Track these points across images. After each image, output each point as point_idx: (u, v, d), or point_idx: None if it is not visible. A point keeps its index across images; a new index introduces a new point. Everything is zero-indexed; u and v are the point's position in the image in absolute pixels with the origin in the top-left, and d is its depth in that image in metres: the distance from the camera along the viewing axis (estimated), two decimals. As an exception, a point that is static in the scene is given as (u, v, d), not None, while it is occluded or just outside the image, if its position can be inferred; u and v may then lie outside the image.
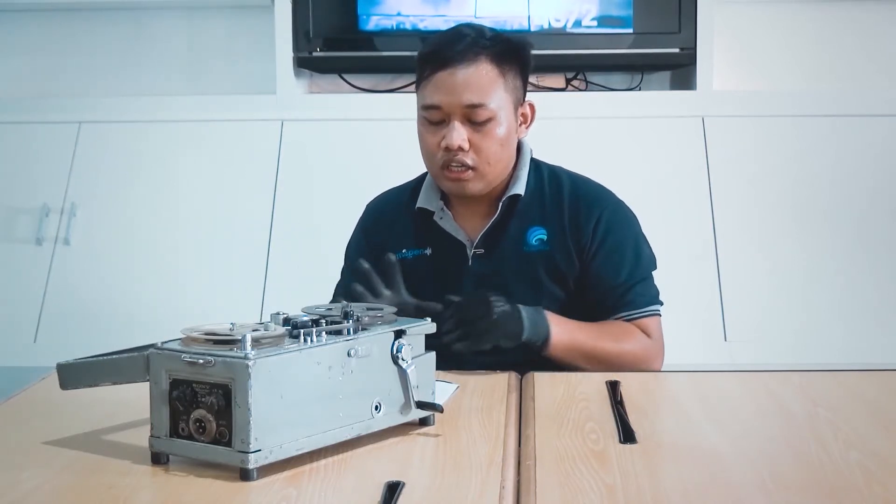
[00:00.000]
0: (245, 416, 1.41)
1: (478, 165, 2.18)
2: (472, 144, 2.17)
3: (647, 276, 2.28)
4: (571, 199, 2.27)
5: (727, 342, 3.33)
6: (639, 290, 2.24)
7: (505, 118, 2.19)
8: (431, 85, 2.19)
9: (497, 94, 2.18)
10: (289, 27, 3.68)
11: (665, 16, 3.65)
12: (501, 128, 2.19)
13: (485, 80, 2.17)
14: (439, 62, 2.18)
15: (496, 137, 2.18)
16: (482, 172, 2.19)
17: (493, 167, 2.20)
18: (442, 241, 2.28)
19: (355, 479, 1.46)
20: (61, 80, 4.04)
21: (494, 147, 2.19)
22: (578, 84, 3.89)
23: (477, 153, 2.18)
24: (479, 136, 2.17)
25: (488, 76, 2.18)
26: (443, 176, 2.21)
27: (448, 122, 2.17)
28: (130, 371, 1.54)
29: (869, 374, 2.04)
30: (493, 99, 2.17)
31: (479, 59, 2.17)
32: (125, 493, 1.41)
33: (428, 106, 2.20)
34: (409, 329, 1.64)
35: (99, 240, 3.59)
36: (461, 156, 2.17)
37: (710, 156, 3.56)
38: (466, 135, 2.16)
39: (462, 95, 2.16)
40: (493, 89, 2.18)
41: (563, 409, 1.78)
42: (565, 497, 1.37)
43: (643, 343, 2.21)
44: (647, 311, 2.24)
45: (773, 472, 1.48)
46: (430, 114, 2.20)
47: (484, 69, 2.17)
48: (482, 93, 2.16)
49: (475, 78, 2.17)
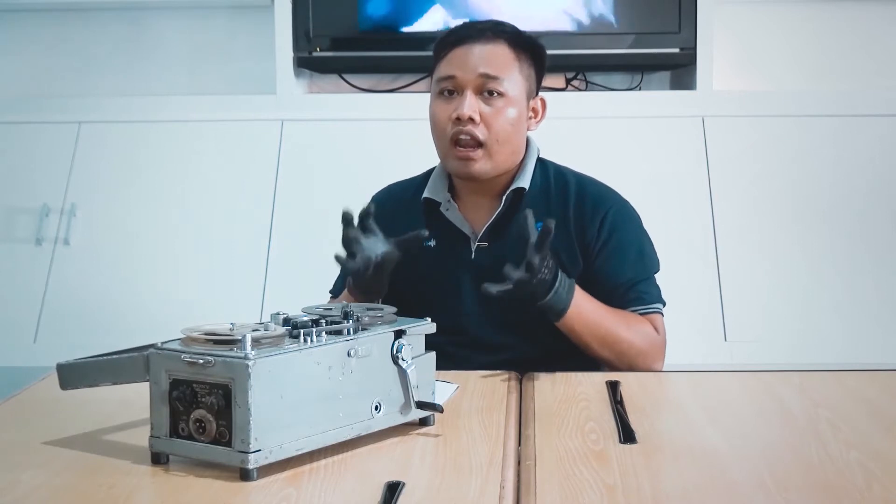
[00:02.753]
0: (245, 416, 1.41)
1: (487, 141, 2.19)
2: (483, 118, 2.18)
3: (650, 275, 2.28)
4: (577, 197, 2.27)
5: (727, 342, 3.33)
6: (643, 287, 2.25)
7: (517, 102, 2.22)
8: (447, 59, 2.23)
9: (511, 75, 2.21)
10: (289, 27, 3.68)
11: (665, 16, 3.65)
12: (513, 109, 2.21)
13: (501, 58, 2.21)
14: (457, 39, 2.23)
15: (507, 116, 2.20)
16: (490, 151, 2.20)
17: (502, 147, 2.21)
18: (447, 233, 2.28)
19: (355, 479, 1.46)
20: (61, 80, 4.04)
21: (505, 125, 2.20)
22: (578, 84, 3.89)
23: (488, 128, 2.19)
24: (490, 112, 2.19)
25: (504, 56, 2.22)
26: (451, 154, 2.21)
27: (461, 94, 2.19)
28: (130, 371, 1.54)
29: (869, 374, 2.05)
30: (508, 77, 2.20)
31: (497, 40, 2.22)
32: (125, 493, 1.41)
33: (443, 77, 2.22)
34: (409, 329, 1.65)
35: (99, 240, 3.59)
36: (471, 127, 2.18)
37: (711, 156, 3.56)
38: (478, 108, 2.18)
39: (477, 67, 2.19)
40: (508, 69, 2.21)
41: (563, 409, 1.78)
42: (565, 497, 1.37)
43: (652, 336, 2.21)
44: (651, 308, 2.24)
45: (773, 472, 1.48)
46: (443, 85, 2.22)
47: (501, 49, 2.22)
48: (497, 67, 2.20)
49: (492, 54, 2.21)
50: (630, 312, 2.22)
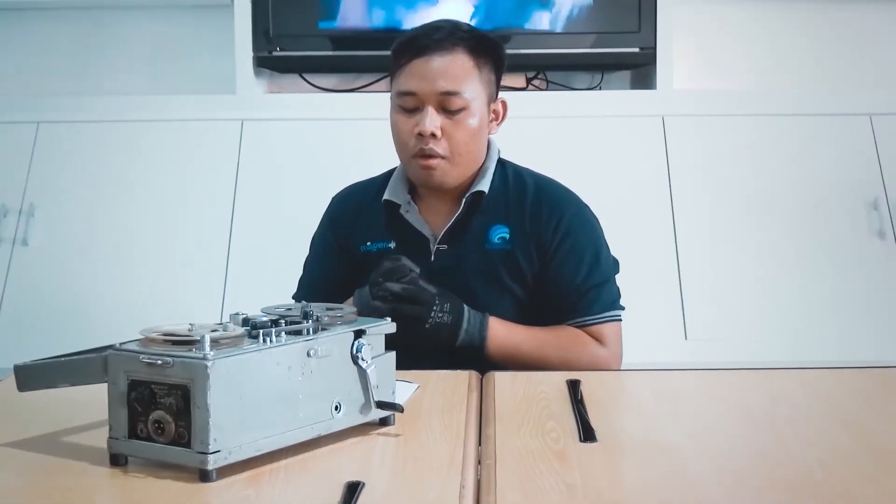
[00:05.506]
0: (204, 416, 1.41)
1: (449, 155, 2.19)
2: (444, 132, 2.18)
3: (606, 280, 2.28)
4: (534, 199, 2.27)
5: (688, 340, 3.34)
6: (595, 294, 2.25)
7: (478, 110, 2.21)
8: (407, 72, 2.21)
9: (472, 85, 2.20)
10: (248, 26, 3.67)
11: (625, 15, 3.67)
12: (474, 119, 2.21)
13: (460, 69, 2.20)
14: (416, 50, 2.21)
15: (469, 128, 2.20)
16: (453, 162, 2.20)
17: (464, 158, 2.21)
18: (406, 235, 2.28)
19: (315, 479, 1.46)
20: (19, 79, 4.01)
21: (466, 137, 2.20)
22: (539, 83, 3.90)
23: (449, 141, 2.19)
24: (451, 125, 2.19)
25: (464, 66, 2.20)
26: (414, 164, 2.22)
27: (422, 110, 2.19)
28: (89, 372, 1.52)
29: (828, 371, 2.06)
30: (468, 89, 2.19)
31: (455, 49, 2.20)
32: (83, 494, 1.40)
33: (403, 93, 2.21)
34: (368, 329, 1.64)
35: (58, 240, 3.56)
36: (433, 143, 2.18)
37: (671, 155, 3.57)
38: (440, 122, 2.18)
39: (437, 82, 2.18)
40: (468, 79, 2.20)
41: (524, 408, 1.78)
42: (525, 496, 1.37)
43: (592, 352, 2.22)
44: (602, 317, 2.24)
45: (732, 468, 1.49)
46: (404, 101, 2.21)
47: (460, 59, 2.20)
48: (457, 81, 2.19)
49: (451, 66, 2.19)
50: (567, 328, 2.23)
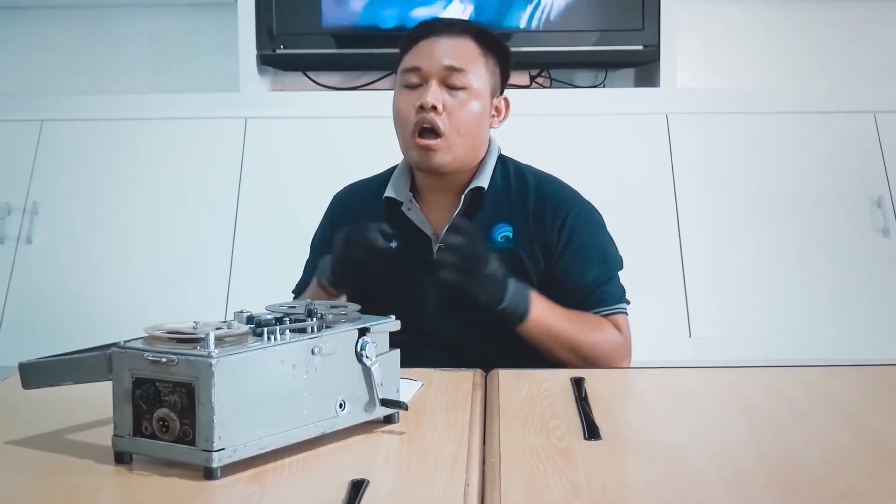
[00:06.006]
0: (208, 414, 1.41)
1: (448, 133, 2.19)
2: (446, 109, 2.19)
3: (613, 275, 2.28)
4: (536, 198, 2.27)
5: (692, 338, 3.34)
6: (604, 290, 2.25)
7: (481, 96, 2.23)
8: (413, 51, 2.24)
9: (476, 70, 2.22)
10: (252, 24, 3.67)
11: (629, 13, 3.66)
12: (476, 102, 2.22)
13: (466, 52, 2.23)
14: (425, 32, 2.25)
15: (470, 109, 2.21)
16: (451, 142, 2.20)
17: (463, 139, 2.21)
18: (408, 234, 2.27)
19: (319, 477, 1.46)
20: (23, 78, 4.01)
21: (467, 117, 2.21)
22: (543, 81, 3.90)
23: (450, 118, 2.19)
24: (454, 103, 2.20)
25: (470, 51, 2.23)
26: (413, 145, 2.21)
27: (425, 85, 2.20)
28: (93, 370, 1.53)
29: (831, 369, 2.06)
30: (473, 70, 2.22)
31: (463, 35, 2.24)
32: (88, 492, 1.40)
33: (408, 69, 2.23)
34: (373, 327, 1.64)
35: (61, 239, 3.56)
36: (433, 116, 2.18)
37: (674, 153, 3.57)
38: (442, 98, 2.19)
39: (443, 58, 2.21)
40: (473, 62, 2.23)
41: (528, 406, 1.78)
42: (530, 494, 1.37)
43: (615, 339, 2.22)
44: (615, 308, 2.25)
45: (735, 466, 1.49)
46: (408, 77, 2.23)
47: (467, 43, 2.24)
48: (463, 60, 2.21)
49: (458, 47, 2.23)
50: (592, 314, 2.22)
